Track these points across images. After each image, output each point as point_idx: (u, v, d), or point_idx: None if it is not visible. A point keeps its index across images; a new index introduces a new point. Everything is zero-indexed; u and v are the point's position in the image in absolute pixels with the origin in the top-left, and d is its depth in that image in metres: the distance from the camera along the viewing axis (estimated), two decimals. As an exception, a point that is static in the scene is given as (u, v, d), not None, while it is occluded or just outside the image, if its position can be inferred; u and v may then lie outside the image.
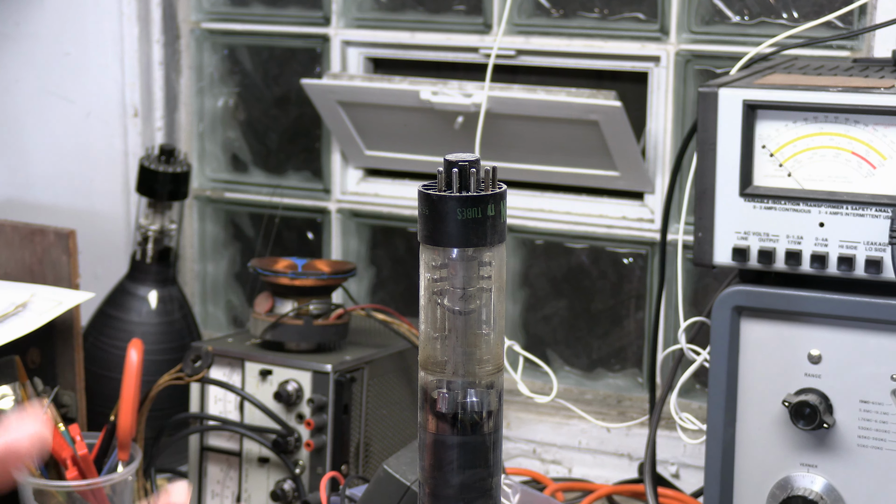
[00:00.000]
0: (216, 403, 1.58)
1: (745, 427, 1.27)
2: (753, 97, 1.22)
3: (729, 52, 1.66)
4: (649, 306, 1.78)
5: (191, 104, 2.01)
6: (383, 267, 1.96)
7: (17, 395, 1.40)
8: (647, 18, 1.73)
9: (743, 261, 1.24)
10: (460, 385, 0.95)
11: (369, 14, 1.89)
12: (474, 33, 1.81)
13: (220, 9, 1.98)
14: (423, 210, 0.94)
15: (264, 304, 1.59)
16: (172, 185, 1.78)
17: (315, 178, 1.96)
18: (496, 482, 0.97)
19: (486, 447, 0.96)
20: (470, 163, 0.94)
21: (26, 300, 1.48)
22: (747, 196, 1.24)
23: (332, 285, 1.60)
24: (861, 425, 1.22)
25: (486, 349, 0.95)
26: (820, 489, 1.24)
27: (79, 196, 2.03)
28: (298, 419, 1.53)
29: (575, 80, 1.77)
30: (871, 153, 1.20)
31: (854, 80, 1.27)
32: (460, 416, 0.96)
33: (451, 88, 1.74)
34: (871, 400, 1.22)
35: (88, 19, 1.98)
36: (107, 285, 1.86)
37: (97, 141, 2.01)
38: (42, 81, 2.02)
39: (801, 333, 1.23)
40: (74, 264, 1.60)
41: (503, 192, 0.96)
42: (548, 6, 1.78)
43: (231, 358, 1.57)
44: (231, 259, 2.05)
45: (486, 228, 0.93)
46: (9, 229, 1.63)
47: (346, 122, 1.85)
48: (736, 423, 1.27)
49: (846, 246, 1.21)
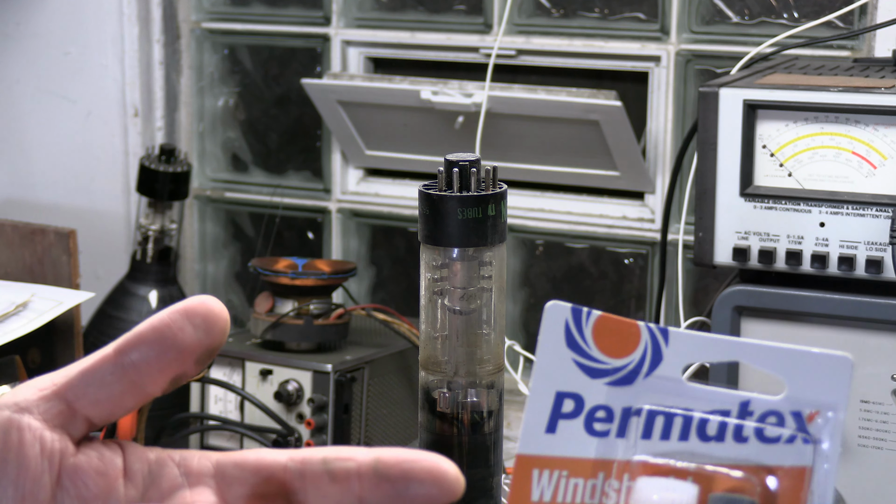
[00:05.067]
0: (216, 403, 1.58)
1: (746, 427, 1.27)
2: (754, 97, 1.22)
3: (729, 52, 1.66)
4: (650, 306, 1.78)
5: (191, 104, 2.01)
6: (383, 267, 1.96)
7: (17, 395, 1.39)
8: (648, 18, 1.72)
9: (743, 261, 1.24)
10: (461, 385, 0.95)
11: (369, 14, 1.89)
12: (475, 33, 1.81)
13: (221, 8, 1.98)
14: (423, 210, 0.94)
15: (265, 304, 1.59)
16: (173, 184, 1.78)
17: (315, 178, 1.96)
18: (497, 482, 0.97)
19: (487, 447, 0.96)
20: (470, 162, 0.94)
21: (26, 300, 1.48)
22: (748, 196, 1.24)
23: (332, 285, 1.60)
24: (861, 425, 1.22)
25: (487, 349, 0.95)
26: (820, 489, 1.24)
27: (79, 196, 2.03)
28: (299, 419, 1.53)
29: (575, 80, 1.77)
30: (872, 153, 1.20)
31: (854, 80, 1.27)
32: (461, 415, 0.96)
33: (451, 88, 1.74)
34: (871, 400, 1.22)
35: (89, 19, 1.98)
36: (107, 285, 1.86)
37: (97, 140, 2.01)
38: (42, 81, 2.02)
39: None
40: (75, 264, 1.60)
41: (504, 191, 0.96)
42: (548, 6, 1.78)
43: (231, 358, 1.57)
44: (231, 259, 2.05)
45: (487, 228, 0.93)
46: (9, 229, 1.63)
47: (346, 122, 1.85)
48: (736, 423, 1.27)
49: (846, 246, 1.21)
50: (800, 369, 0.51)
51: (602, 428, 0.52)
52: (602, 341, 0.53)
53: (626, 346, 0.52)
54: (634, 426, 0.52)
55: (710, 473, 0.50)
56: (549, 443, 0.52)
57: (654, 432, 0.51)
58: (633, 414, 0.52)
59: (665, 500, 0.50)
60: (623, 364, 0.52)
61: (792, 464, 0.50)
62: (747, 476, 0.50)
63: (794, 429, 0.50)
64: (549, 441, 0.52)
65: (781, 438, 0.50)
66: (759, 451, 0.50)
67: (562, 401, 0.53)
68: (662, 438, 0.51)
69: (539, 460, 0.52)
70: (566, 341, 0.53)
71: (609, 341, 0.53)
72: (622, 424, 0.52)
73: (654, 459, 0.51)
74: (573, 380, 0.53)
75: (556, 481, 0.52)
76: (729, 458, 0.51)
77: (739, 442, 0.51)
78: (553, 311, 0.53)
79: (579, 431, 0.52)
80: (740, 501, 0.50)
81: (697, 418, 0.51)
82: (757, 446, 0.50)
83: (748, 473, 0.50)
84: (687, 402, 0.51)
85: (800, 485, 0.50)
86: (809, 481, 0.50)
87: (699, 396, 0.51)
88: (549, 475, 0.52)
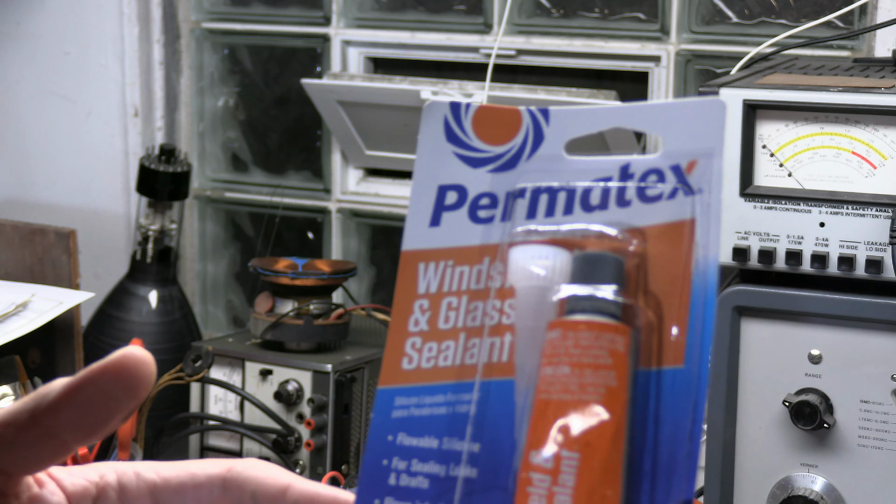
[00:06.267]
0: (216, 403, 1.58)
1: (746, 427, 1.27)
2: (754, 97, 1.22)
3: (729, 52, 1.66)
4: (649, 306, 1.77)
5: (191, 104, 2.01)
6: (383, 267, 1.96)
7: (17, 395, 1.40)
8: (648, 18, 1.73)
9: (743, 261, 1.24)
10: (460, 385, 0.95)
11: (369, 14, 1.89)
12: (474, 33, 1.81)
13: (221, 8, 1.98)
14: (423, 210, 0.94)
15: (265, 304, 1.59)
16: (173, 184, 1.78)
17: (315, 178, 1.96)
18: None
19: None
20: (470, 162, 0.94)
21: (26, 300, 1.48)
22: (748, 196, 1.24)
23: (332, 285, 1.60)
24: (861, 425, 1.22)
25: (487, 349, 0.95)
26: (820, 489, 1.24)
27: (79, 196, 2.03)
28: (299, 419, 1.53)
29: (575, 80, 1.77)
30: (872, 153, 1.20)
31: (854, 80, 1.27)
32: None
33: (451, 88, 1.74)
34: (871, 400, 1.22)
35: (89, 19, 1.98)
36: (107, 285, 1.86)
37: (97, 141, 2.01)
38: (42, 81, 2.02)
39: (801, 333, 1.23)
40: (74, 264, 1.59)
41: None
42: (548, 6, 1.78)
43: (231, 358, 1.57)
44: (231, 259, 2.05)
45: (487, 228, 0.93)
46: (9, 229, 1.63)
47: (346, 122, 1.85)
48: (736, 423, 1.27)
49: (846, 246, 1.21)
50: (674, 122, 0.50)
51: (486, 214, 0.52)
52: (483, 131, 0.53)
53: (507, 133, 0.52)
54: (519, 208, 0.51)
55: (583, 238, 0.50)
56: (434, 236, 0.52)
57: (538, 211, 0.51)
58: (516, 196, 0.52)
59: (536, 266, 0.50)
60: (505, 150, 0.52)
61: (672, 219, 0.49)
62: (621, 234, 0.50)
63: (674, 183, 0.50)
64: (433, 234, 0.52)
65: (663, 195, 0.50)
66: (642, 213, 0.50)
67: (444, 193, 0.53)
68: (547, 216, 0.51)
69: (424, 254, 0.52)
70: (446, 136, 0.53)
71: (490, 130, 0.52)
72: (505, 208, 0.52)
73: (526, 230, 0.51)
74: (455, 172, 0.53)
75: (442, 271, 0.52)
76: (613, 224, 0.50)
77: (623, 206, 0.50)
78: (431, 109, 0.53)
79: (463, 221, 0.52)
80: (603, 257, 0.49)
81: (581, 189, 0.51)
82: (640, 207, 0.50)
83: (624, 233, 0.50)
84: (570, 177, 0.51)
85: (680, 238, 0.49)
86: (692, 233, 0.49)
87: (581, 168, 0.51)
88: (435, 266, 0.52)
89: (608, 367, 0.48)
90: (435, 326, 0.52)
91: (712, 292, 0.49)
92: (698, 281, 0.49)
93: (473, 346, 0.51)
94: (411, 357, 0.52)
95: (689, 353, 0.49)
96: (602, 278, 0.49)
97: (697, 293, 0.49)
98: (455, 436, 0.50)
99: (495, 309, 0.51)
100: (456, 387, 0.51)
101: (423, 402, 0.51)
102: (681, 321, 0.49)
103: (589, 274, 0.49)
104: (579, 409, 0.48)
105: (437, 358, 0.51)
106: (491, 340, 0.51)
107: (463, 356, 0.51)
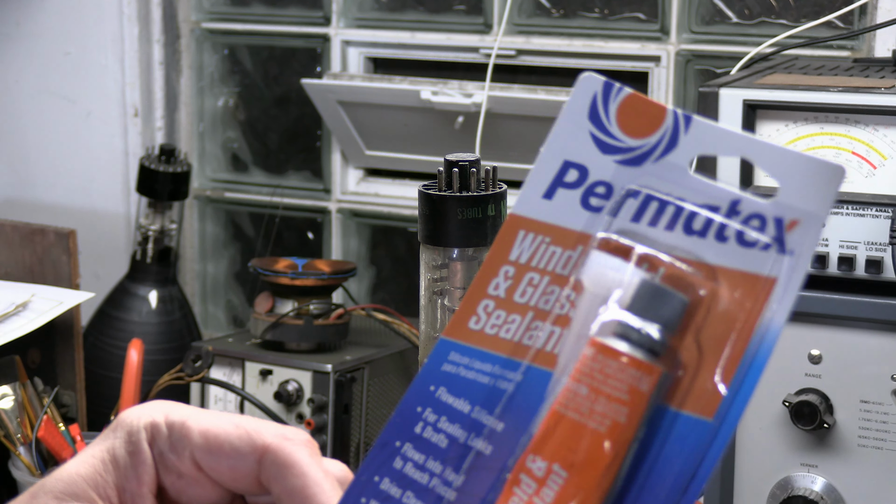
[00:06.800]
0: (216, 403, 1.58)
1: (745, 427, 1.27)
2: (754, 97, 1.22)
3: (729, 52, 1.66)
4: (649, 306, 1.77)
5: (191, 104, 2.01)
6: (383, 267, 1.96)
7: (17, 395, 1.40)
8: (648, 18, 1.73)
9: (743, 261, 1.24)
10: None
11: (369, 14, 1.89)
12: (474, 33, 1.81)
13: (221, 9, 1.98)
14: (423, 210, 0.94)
15: (264, 304, 1.59)
16: (173, 184, 1.78)
17: (315, 178, 1.96)
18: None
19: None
20: (470, 162, 0.94)
21: (26, 300, 1.48)
22: (747, 196, 1.23)
23: (332, 285, 1.60)
24: (861, 425, 1.22)
25: (487, 349, 0.95)
26: (820, 489, 1.24)
27: (79, 196, 2.03)
28: (299, 419, 1.53)
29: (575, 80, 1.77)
30: (872, 153, 1.20)
31: (854, 80, 1.27)
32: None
33: (451, 88, 1.74)
34: (871, 400, 1.22)
35: (89, 19, 1.98)
36: (107, 285, 1.86)
37: (97, 141, 2.01)
38: (42, 81, 2.02)
39: (801, 333, 1.23)
40: (74, 264, 1.59)
41: (503, 191, 0.96)
42: (548, 6, 1.78)
43: (231, 358, 1.57)
44: (231, 259, 2.05)
45: (487, 228, 0.93)
46: (9, 229, 1.63)
47: (346, 122, 1.85)
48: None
49: (846, 246, 1.21)
50: (795, 173, 0.50)
51: (597, 203, 0.52)
52: (624, 119, 0.52)
53: (646, 128, 0.52)
54: (627, 208, 0.51)
55: (662, 262, 0.50)
56: (543, 208, 0.52)
57: (643, 217, 0.51)
58: (630, 195, 0.52)
59: (606, 276, 0.50)
60: (638, 145, 0.52)
61: (753, 270, 0.49)
62: (695, 272, 0.50)
63: (773, 235, 0.50)
64: (543, 206, 0.52)
65: (757, 244, 0.50)
66: (731, 253, 0.50)
67: (567, 170, 0.53)
68: (650, 224, 0.51)
69: (528, 222, 0.53)
70: (589, 113, 0.53)
71: (631, 120, 0.52)
72: (618, 203, 0.52)
73: (618, 237, 0.51)
74: (584, 151, 0.53)
75: (537, 245, 0.52)
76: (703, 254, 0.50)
77: (720, 241, 0.50)
78: (585, 81, 0.54)
79: (574, 202, 0.52)
80: (668, 294, 0.49)
81: (687, 211, 0.51)
82: (733, 248, 0.50)
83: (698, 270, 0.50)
84: (685, 194, 0.51)
85: (759, 294, 0.49)
86: (768, 292, 0.49)
87: (697, 188, 0.51)
88: (533, 238, 0.52)
89: (622, 403, 0.48)
90: (511, 297, 0.52)
91: (765, 358, 0.49)
92: (756, 341, 0.49)
93: (535, 329, 0.52)
94: (479, 318, 0.52)
95: (721, 408, 0.48)
96: (658, 315, 0.49)
97: (750, 353, 0.49)
98: (486, 408, 0.51)
99: (568, 299, 0.51)
100: (506, 362, 0.51)
101: (473, 366, 0.52)
102: (727, 376, 0.49)
103: (648, 306, 0.49)
104: (583, 433, 0.48)
105: (501, 327, 0.52)
106: (552, 328, 0.51)
107: (523, 335, 0.52)
